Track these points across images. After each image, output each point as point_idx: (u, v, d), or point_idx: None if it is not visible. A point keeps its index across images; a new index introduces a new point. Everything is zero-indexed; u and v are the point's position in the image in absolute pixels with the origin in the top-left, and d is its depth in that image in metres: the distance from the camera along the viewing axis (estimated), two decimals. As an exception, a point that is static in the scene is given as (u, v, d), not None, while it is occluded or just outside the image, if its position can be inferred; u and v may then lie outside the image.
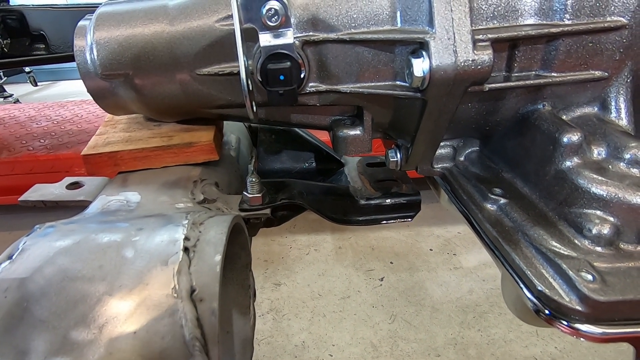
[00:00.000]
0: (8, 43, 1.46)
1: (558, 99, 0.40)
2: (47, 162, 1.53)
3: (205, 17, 0.42)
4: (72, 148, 1.58)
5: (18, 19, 1.44)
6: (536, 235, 0.36)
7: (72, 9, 1.45)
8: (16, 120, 1.91)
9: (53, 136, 1.71)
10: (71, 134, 1.73)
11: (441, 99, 0.37)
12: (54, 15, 1.46)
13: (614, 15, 0.35)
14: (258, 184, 0.45)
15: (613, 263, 0.32)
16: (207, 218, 0.35)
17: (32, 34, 1.45)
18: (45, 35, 1.45)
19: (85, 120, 1.88)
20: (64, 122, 1.87)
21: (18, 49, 1.48)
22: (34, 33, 1.45)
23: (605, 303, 0.29)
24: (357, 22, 0.38)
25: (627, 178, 0.33)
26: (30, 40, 1.47)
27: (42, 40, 1.46)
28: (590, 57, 0.37)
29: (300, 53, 0.39)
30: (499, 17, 0.36)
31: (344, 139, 0.46)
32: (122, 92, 0.45)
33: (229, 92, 0.44)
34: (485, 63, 0.34)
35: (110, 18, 0.44)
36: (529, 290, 0.33)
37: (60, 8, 1.46)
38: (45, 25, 1.46)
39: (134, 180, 0.44)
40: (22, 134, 1.74)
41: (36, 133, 1.75)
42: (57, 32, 1.47)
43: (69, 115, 1.96)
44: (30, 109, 2.07)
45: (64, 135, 1.72)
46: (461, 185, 0.45)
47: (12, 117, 1.95)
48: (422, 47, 0.35)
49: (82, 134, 1.72)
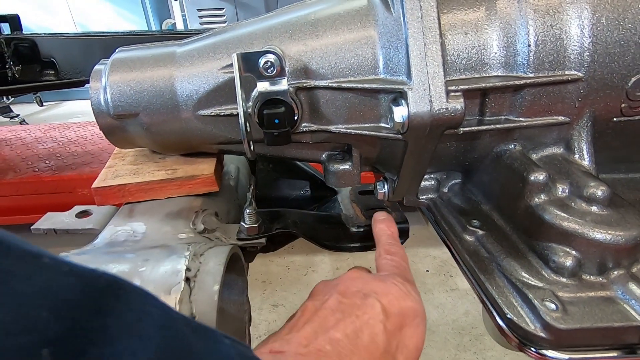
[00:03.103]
0: (19, 69, 1.52)
1: (527, 140, 0.44)
2: (51, 183, 1.57)
3: (208, 64, 0.46)
4: (77, 169, 1.62)
5: (30, 47, 1.51)
6: (508, 266, 0.39)
7: (82, 37, 1.52)
8: (22, 142, 1.96)
9: (58, 157, 1.75)
10: (75, 155, 1.77)
11: (420, 140, 0.41)
12: (64, 43, 1.53)
13: (570, 70, 0.39)
14: (254, 215, 0.49)
15: (575, 293, 0.35)
16: (207, 249, 0.38)
17: (42, 60, 1.52)
18: (56, 61, 1.52)
19: (89, 142, 1.93)
20: (69, 144, 1.92)
21: (28, 75, 1.54)
22: (45, 60, 1.52)
23: (566, 331, 0.32)
24: (345, 72, 0.43)
25: (587, 215, 0.37)
26: (41, 67, 1.53)
27: (52, 66, 1.53)
28: (553, 104, 0.41)
29: (294, 98, 0.43)
30: (470, 69, 0.41)
31: (335, 173, 0.50)
32: (131, 129, 0.50)
33: (229, 130, 0.48)
34: (458, 111, 0.38)
35: (123, 63, 0.48)
36: (500, 317, 0.36)
37: (71, 36, 1.53)
38: (55, 53, 1.53)
39: (139, 211, 0.48)
40: (27, 155, 1.79)
41: (42, 154, 1.80)
42: (67, 59, 1.53)
43: (74, 136, 2.01)
44: (37, 130, 2.12)
45: (69, 156, 1.77)
46: (443, 216, 0.49)
47: (18, 138, 2.00)
48: (401, 95, 0.39)
49: (86, 155, 1.77)
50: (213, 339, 0.21)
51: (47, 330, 0.15)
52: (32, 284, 0.15)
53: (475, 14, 0.40)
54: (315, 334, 0.30)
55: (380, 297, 0.34)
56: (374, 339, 0.31)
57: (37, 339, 0.14)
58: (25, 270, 0.16)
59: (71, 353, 0.15)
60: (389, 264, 0.40)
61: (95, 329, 0.16)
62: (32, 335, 0.14)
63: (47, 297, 0.15)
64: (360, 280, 0.36)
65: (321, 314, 0.32)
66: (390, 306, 0.33)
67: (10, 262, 0.16)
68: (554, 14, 0.39)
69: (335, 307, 0.33)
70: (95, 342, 0.16)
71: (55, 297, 0.16)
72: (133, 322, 0.17)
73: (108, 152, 1.73)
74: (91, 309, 0.16)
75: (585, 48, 0.39)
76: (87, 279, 0.17)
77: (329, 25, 0.44)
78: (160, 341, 0.18)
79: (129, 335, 0.16)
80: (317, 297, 0.35)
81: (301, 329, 0.31)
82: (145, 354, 0.17)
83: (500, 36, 0.40)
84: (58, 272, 0.17)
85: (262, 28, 0.46)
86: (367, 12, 0.43)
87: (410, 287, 0.36)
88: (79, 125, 2.18)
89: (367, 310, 0.32)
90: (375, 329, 0.31)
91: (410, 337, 0.33)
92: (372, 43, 0.42)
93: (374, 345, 0.30)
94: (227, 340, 0.22)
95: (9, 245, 0.16)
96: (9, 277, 0.15)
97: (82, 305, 0.16)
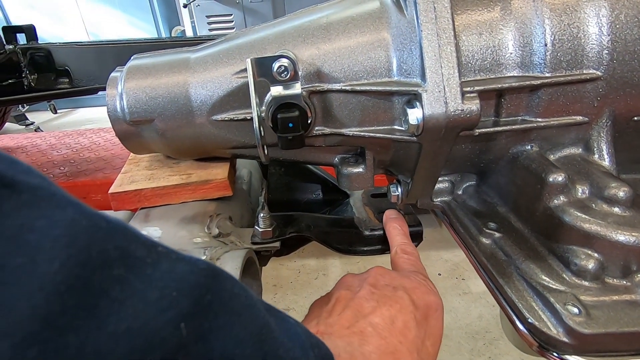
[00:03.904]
0: (35, 78, 1.56)
1: (544, 140, 0.43)
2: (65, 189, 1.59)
3: (222, 69, 0.47)
4: (90, 175, 1.65)
5: (45, 56, 1.55)
6: (527, 269, 0.38)
7: (95, 46, 1.55)
8: (38, 149, 2.00)
9: (72, 164, 1.79)
10: (89, 161, 1.80)
11: (435, 143, 0.41)
12: (78, 52, 1.56)
13: (589, 69, 0.38)
14: (268, 219, 0.49)
15: (598, 297, 0.34)
16: (223, 253, 0.38)
17: (57, 69, 1.55)
18: (70, 70, 1.55)
19: (102, 148, 1.96)
20: (82, 150, 1.95)
21: (44, 83, 1.58)
22: (59, 68, 1.55)
23: (590, 335, 0.31)
24: (358, 75, 0.43)
25: (609, 216, 0.36)
26: (55, 75, 1.57)
27: (66, 74, 1.56)
28: (571, 104, 0.40)
29: (307, 102, 0.43)
30: (485, 70, 0.40)
31: (348, 176, 0.50)
32: (146, 134, 0.50)
33: (242, 135, 0.48)
34: (474, 112, 0.37)
35: (138, 70, 0.49)
36: (520, 322, 0.35)
37: (84, 45, 1.56)
38: (70, 61, 1.56)
39: (155, 216, 0.48)
40: (43, 162, 1.83)
41: (56, 161, 1.83)
42: (81, 67, 1.57)
43: (87, 143, 2.05)
44: (51, 137, 2.17)
45: (83, 162, 1.80)
46: (459, 218, 0.48)
47: (34, 146, 2.05)
48: (415, 98, 0.39)
49: (99, 161, 1.80)
50: (282, 318, 0.25)
51: (180, 306, 0.17)
52: (159, 269, 0.18)
53: (489, 14, 0.40)
54: (355, 317, 0.34)
55: (408, 291, 0.37)
56: (406, 324, 0.34)
57: (176, 314, 0.17)
58: (151, 258, 0.18)
59: (197, 324, 0.18)
60: (407, 262, 0.44)
61: (207, 305, 0.19)
62: (172, 311, 0.17)
63: (173, 280, 0.18)
64: (388, 276, 0.39)
65: (356, 301, 0.35)
66: (418, 299, 0.36)
67: (142, 250, 0.18)
68: (571, 12, 0.38)
69: (368, 296, 0.36)
70: (208, 317, 0.19)
71: (178, 279, 0.18)
72: (228, 301, 0.20)
73: (120, 157, 1.76)
74: (203, 288, 0.19)
75: (604, 46, 0.38)
76: (192, 264, 0.20)
77: (342, 28, 0.44)
78: (249, 319, 0.21)
79: (226, 312, 0.20)
80: (348, 287, 0.38)
81: (341, 313, 0.34)
82: (240, 329, 0.20)
83: (516, 36, 0.40)
84: (171, 258, 0.19)
85: (275, 33, 0.46)
86: (379, 15, 0.43)
87: (431, 283, 0.40)
88: (92, 131, 2.22)
89: (398, 301, 0.35)
90: (407, 317, 0.34)
91: (434, 327, 0.37)
92: (385, 45, 0.42)
93: (407, 330, 0.33)
94: (292, 319, 0.26)
95: (137, 234, 0.19)
96: (144, 265, 0.18)
97: (197, 284, 0.19)
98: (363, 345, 0.31)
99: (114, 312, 0.16)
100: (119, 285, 0.16)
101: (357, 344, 0.31)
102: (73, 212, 0.17)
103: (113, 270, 0.16)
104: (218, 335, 0.19)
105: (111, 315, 0.15)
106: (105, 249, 0.17)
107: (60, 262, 0.15)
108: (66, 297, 0.15)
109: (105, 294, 0.16)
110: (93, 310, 0.15)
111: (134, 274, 0.17)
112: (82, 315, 0.15)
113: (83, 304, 0.15)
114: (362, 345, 0.31)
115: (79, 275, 0.15)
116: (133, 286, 0.17)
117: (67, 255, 0.15)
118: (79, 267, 0.15)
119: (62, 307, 0.14)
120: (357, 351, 0.30)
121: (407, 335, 0.33)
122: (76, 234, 0.16)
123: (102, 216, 0.18)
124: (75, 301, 0.15)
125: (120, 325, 0.15)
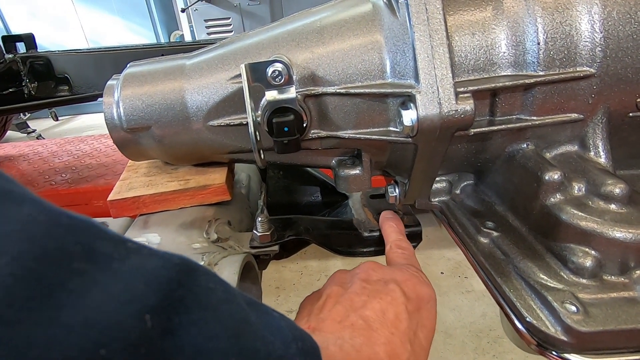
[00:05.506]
0: (35, 86, 1.57)
1: (540, 138, 0.43)
2: (67, 195, 1.60)
3: (217, 75, 0.47)
4: (92, 181, 1.66)
5: (45, 64, 1.56)
6: (525, 268, 0.38)
7: (93, 53, 1.56)
8: (39, 156, 2.01)
9: (74, 170, 1.80)
10: (90, 167, 1.81)
11: (430, 143, 0.41)
12: (77, 59, 1.57)
13: (582, 66, 0.38)
14: (267, 223, 0.49)
15: (596, 294, 0.34)
16: (221, 258, 0.38)
17: (57, 77, 1.56)
18: (69, 77, 1.56)
19: (103, 154, 1.97)
20: (83, 157, 1.96)
21: (44, 91, 1.59)
22: (59, 76, 1.56)
23: (588, 333, 0.31)
24: (352, 78, 0.43)
25: (606, 213, 0.36)
26: (55, 83, 1.57)
27: (66, 82, 1.57)
28: (566, 102, 0.40)
29: (302, 105, 0.43)
30: (479, 70, 0.40)
31: (345, 178, 0.50)
32: (144, 141, 0.51)
33: (239, 140, 0.49)
34: (468, 112, 0.37)
35: (134, 78, 0.49)
36: (519, 321, 0.35)
37: (83, 52, 1.57)
38: (69, 69, 1.57)
39: (154, 222, 0.49)
40: (45, 169, 1.84)
41: (58, 168, 1.84)
42: (80, 74, 1.57)
43: (89, 149, 2.06)
44: (53, 144, 2.18)
45: (84, 169, 1.81)
46: (456, 218, 0.48)
47: (35, 153, 2.06)
48: (410, 99, 0.39)
49: (100, 167, 1.81)
50: (265, 312, 0.25)
51: (147, 299, 0.17)
52: (127, 264, 0.18)
53: (482, 14, 0.40)
54: (346, 312, 0.34)
55: (399, 283, 0.37)
56: (398, 316, 0.34)
57: (141, 307, 0.17)
58: (119, 253, 0.18)
59: (165, 318, 0.18)
60: (401, 256, 0.44)
61: (178, 300, 0.19)
62: (136, 304, 0.17)
63: (141, 274, 0.18)
64: (379, 270, 0.40)
65: (348, 296, 0.36)
66: (409, 291, 0.37)
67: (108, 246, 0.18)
68: (563, 10, 0.38)
69: (360, 291, 0.36)
70: (179, 311, 0.19)
71: (147, 274, 0.18)
72: (202, 296, 0.20)
73: (121, 163, 1.77)
74: (174, 283, 0.19)
75: (596, 44, 0.38)
76: (165, 259, 0.20)
77: (335, 32, 0.44)
78: (226, 313, 0.21)
79: (199, 307, 0.19)
80: (339, 283, 0.39)
81: (332, 308, 0.35)
82: (215, 324, 0.20)
83: (509, 35, 0.40)
84: (142, 254, 0.19)
85: (269, 37, 0.46)
86: (372, 17, 0.43)
87: (423, 275, 0.40)
88: (93, 138, 2.23)
89: (389, 293, 0.36)
90: (398, 309, 0.35)
91: (427, 318, 0.37)
92: (378, 48, 0.42)
93: (398, 322, 0.34)
94: (276, 313, 0.25)
95: (104, 231, 0.19)
96: (110, 260, 0.18)
97: (168, 279, 0.19)
98: (354, 337, 0.31)
99: (69, 304, 0.15)
100: (78, 278, 0.16)
101: (347, 337, 0.31)
102: (30, 209, 0.17)
103: (73, 264, 0.16)
104: (189, 330, 0.18)
105: (66, 307, 0.15)
106: (64, 244, 0.17)
107: (11, 256, 0.15)
108: (15, 289, 0.15)
109: (61, 286, 0.16)
110: (46, 301, 0.15)
111: (97, 268, 0.17)
112: (33, 306, 0.15)
113: (34, 296, 0.15)
114: (352, 337, 0.31)
115: (32, 268, 0.15)
116: (95, 279, 0.17)
117: (18, 250, 0.15)
118: (31, 261, 0.15)
119: (10, 300, 0.14)
120: (347, 344, 0.31)
121: (399, 327, 0.33)
122: (31, 230, 0.16)
123: (64, 213, 0.18)
124: (26, 294, 0.15)
125: (76, 317, 0.15)
